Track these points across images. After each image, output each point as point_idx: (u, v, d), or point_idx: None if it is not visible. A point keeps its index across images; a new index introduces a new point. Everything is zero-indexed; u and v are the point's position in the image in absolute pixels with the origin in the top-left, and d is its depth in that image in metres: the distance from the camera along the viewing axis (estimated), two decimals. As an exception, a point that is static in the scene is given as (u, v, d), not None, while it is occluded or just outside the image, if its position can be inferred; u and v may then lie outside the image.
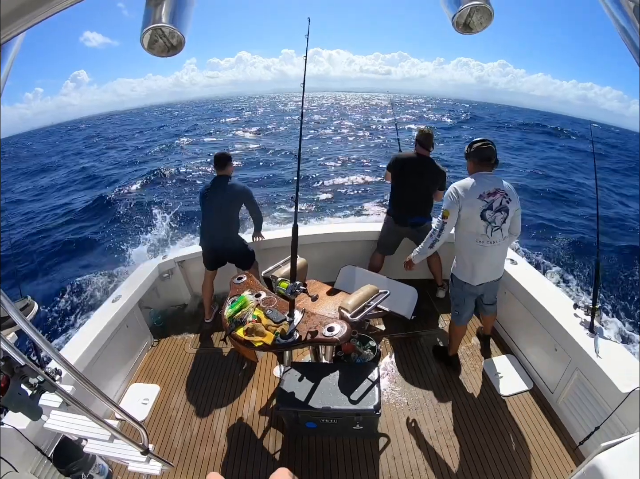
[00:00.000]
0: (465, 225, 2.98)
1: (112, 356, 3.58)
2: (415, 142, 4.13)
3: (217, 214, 4.05)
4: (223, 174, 4.12)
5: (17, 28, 0.66)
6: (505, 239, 3.01)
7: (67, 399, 1.48)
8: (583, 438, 2.75)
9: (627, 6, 0.80)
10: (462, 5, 0.78)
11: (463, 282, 3.18)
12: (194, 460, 3.01)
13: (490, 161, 2.96)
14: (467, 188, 2.90)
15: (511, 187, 2.96)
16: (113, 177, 19.47)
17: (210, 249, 4.27)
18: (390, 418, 3.20)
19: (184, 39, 0.81)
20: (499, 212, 2.88)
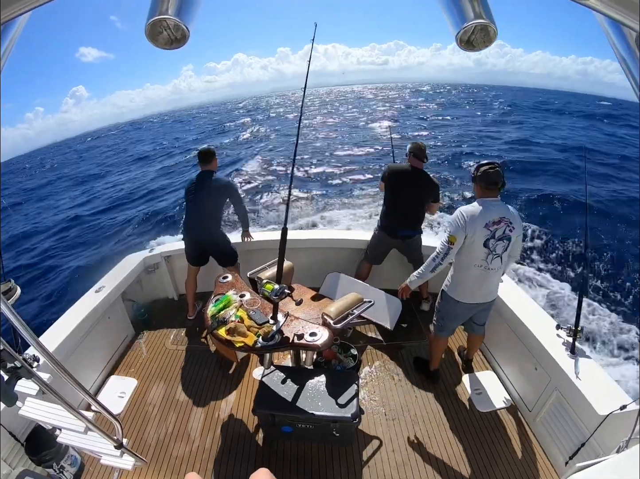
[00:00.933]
0: (467, 251, 2.97)
1: (91, 346, 3.55)
2: (409, 155, 4.13)
3: (201, 208, 4.04)
4: (208, 169, 4.13)
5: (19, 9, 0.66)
6: (503, 266, 3.03)
7: (43, 387, 1.47)
8: (559, 456, 2.78)
9: (629, 35, 0.82)
10: (467, 22, 0.79)
11: (455, 301, 3.17)
12: (167, 457, 2.99)
13: (497, 185, 2.92)
14: (475, 215, 2.86)
15: (515, 214, 2.94)
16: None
17: (193, 243, 4.26)
18: (367, 427, 3.20)
19: (189, 33, 0.82)
20: (501, 241, 2.87)
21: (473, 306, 3.17)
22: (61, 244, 12.16)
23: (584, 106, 50.11)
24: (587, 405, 2.51)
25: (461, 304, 3.16)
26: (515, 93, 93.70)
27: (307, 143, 25.70)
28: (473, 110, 44.88)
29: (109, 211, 15.47)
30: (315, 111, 55.52)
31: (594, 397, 2.52)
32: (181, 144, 35.44)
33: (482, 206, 2.90)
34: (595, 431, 2.43)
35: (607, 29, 0.87)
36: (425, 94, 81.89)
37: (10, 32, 0.82)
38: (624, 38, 0.83)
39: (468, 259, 2.99)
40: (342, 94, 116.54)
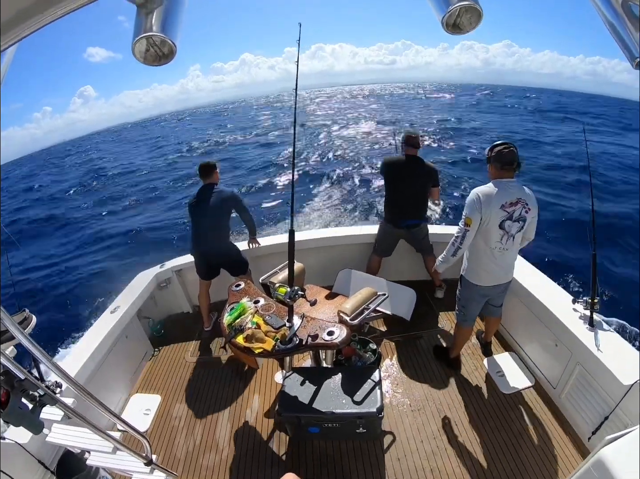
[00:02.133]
0: (482, 233, 2.94)
1: (112, 367, 3.56)
2: (402, 144, 4.16)
3: (207, 221, 4.04)
4: (209, 182, 4.13)
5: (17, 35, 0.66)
6: (517, 246, 3.01)
7: (68, 412, 1.48)
8: (587, 431, 2.76)
9: (615, 1, 0.81)
10: (451, 6, 0.78)
11: (473, 284, 3.17)
12: (197, 469, 3.00)
13: (512, 165, 2.87)
14: (491, 196, 2.82)
15: (531, 195, 2.90)
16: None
17: (202, 258, 4.26)
18: (393, 420, 3.20)
19: (175, 48, 0.82)
20: (517, 222, 2.85)
21: (492, 288, 3.16)
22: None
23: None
24: (611, 376, 2.49)
25: (481, 288, 3.15)
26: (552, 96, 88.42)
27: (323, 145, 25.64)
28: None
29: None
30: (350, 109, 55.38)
31: (616, 368, 2.51)
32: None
33: (497, 187, 2.85)
34: (620, 401, 2.42)
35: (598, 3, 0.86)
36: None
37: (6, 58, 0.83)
38: (609, 3, 0.82)
39: (484, 241, 2.97)
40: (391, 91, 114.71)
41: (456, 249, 3.02)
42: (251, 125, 45.17)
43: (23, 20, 0.64)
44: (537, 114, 39.23)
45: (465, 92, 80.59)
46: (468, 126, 28.90)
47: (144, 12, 0.75)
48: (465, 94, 74.65)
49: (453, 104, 54.20)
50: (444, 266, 3.22)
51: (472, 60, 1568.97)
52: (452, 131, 26.70)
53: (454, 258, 3.10)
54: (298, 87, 2.84)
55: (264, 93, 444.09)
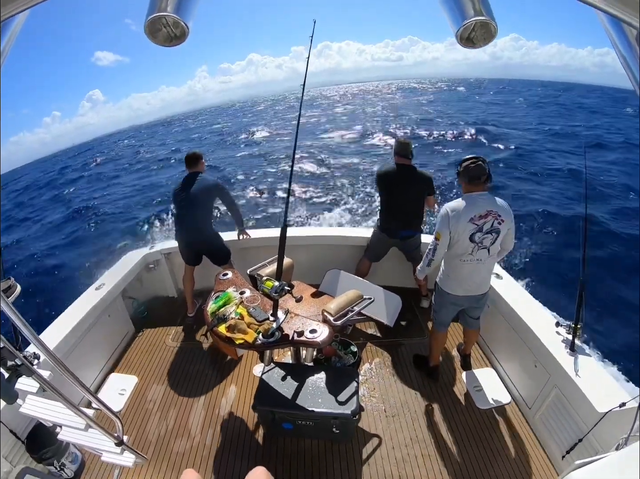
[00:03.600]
0: (453, 245, 3.00)
1: (92, 344, 3.55)
2: (394, 154, 4.13)
3: (190, 208, 4.04)
4: (194, 171, 4.17)
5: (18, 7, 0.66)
6: (492, 257, 3.03)
7: (43, 384, 1.47)
8: (558, 453, 2.79)
9: (629, 33, 0.82)
10: (467, 20, 0.78)
11: (445, 292, 3.22)
12: (168, 454, 3.00)
13: (480, 179, 2.92)
14: (459, 211, 2.89)
15: (504, 206, 2.93)
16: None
17: (185, 243, 4.27)
18: (367, 424, 3.21)
19: (188, 30, 0.82)
20: (489, 234, 2.89)
21: (464, 298, 3.20)
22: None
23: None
24: (587, 402, 2.51)
25: (453, 296, 3.20)
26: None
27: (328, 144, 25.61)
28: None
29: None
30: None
31: (593, 394, 2.52)
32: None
33: (466, 201, 2.92)
34: (593, 427, 2.44)
35: (608, 26, 0.86)
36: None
37: (9, 30, 0.82)
38: (624, 35, 0.82)
39: (455, 252, 3.02)
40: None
41: (429, 261, 3.12)
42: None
43: None
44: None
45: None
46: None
47: None
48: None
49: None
50: (421, 274, 3.35)
51: (480, 55, 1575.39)
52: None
53: (428, 268, 3.20)
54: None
55: (272, 92, 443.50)
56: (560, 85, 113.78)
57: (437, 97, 65.48)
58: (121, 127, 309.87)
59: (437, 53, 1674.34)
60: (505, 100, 51.41)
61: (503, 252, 3.15)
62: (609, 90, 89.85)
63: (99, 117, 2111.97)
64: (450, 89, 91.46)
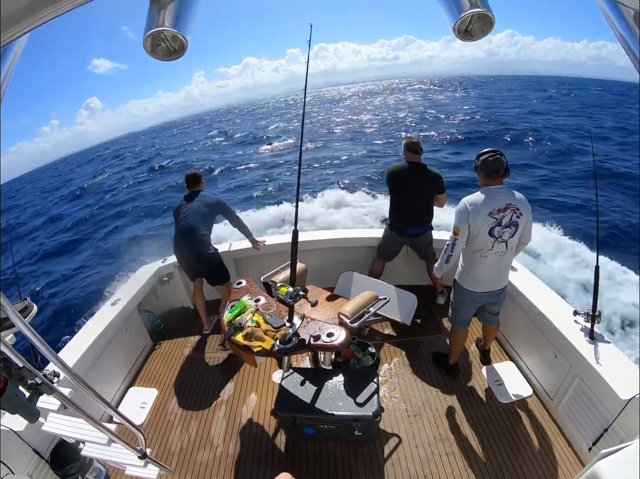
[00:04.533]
0: (472, 240, 2.97)
1: (110, 359, 3.57)
2: (405, 151, 4.11)
3: (189, 225, 3.98)
4: (195, 189, 4.17)
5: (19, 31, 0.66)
6: (511, 250, 3.00)
7: (64, 401, 1.48)
8: (583, 443, 2.75)
9: (626, 13, 0.80)
10: (464, 12, 0.77)
11: (465, 289, 3.18)
12: (191, 465, 3.00)
13: (499, 173, 2.88)
14: (477, 205, 2.86)
15: (523, 199, 2.90)
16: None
17: (182, 260, 4.24)
18: (389, 425, 3.19)
19: (187, 43, 0.81)
20: (508, 228, 2.86)
21: (484, 294, 3.16)
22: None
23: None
24: (609, 390, 2.48)
25: (472, 293, 3.16)
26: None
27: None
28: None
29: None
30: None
31: (615, 382, 2.49)
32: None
33: (485, 194, 2.89)
34: (618, 416, 2.41)
35: (605, 8, 0.85)
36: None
37: (11, 54, 0.82)
38: (622, 16, 0.81)
39: (475, 247, 2.99)
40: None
41: (448, 257, 3.07)
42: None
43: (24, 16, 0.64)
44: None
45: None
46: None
47: (156, 7, 0.75)
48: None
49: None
50: (439, 271, 3.28)
51: (476, 52, 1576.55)
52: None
53: (447, 264, 3.14)
54: (301, 87, 2.85)
55: (269, 95, 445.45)
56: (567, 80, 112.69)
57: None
58: (120, 134, 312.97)
59: (433, 51, 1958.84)
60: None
61: (521, 246, 3.12)
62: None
63: (97, 125, 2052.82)
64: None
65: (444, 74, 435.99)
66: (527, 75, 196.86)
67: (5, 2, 0.59)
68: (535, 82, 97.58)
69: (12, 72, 0.87)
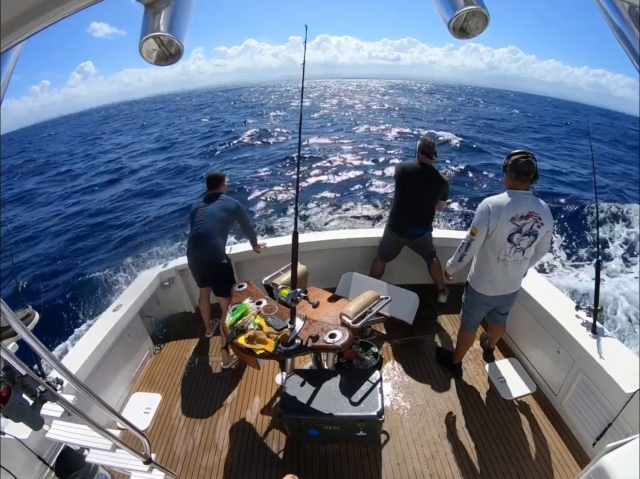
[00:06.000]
0: (489, 243, 2.90)
1: (113, 365, 3.57)
2: (418, 152, 4.06)
3: (206, 228, 3.85)
4: (215, 192, 4.07)
5: (18, 37, 0.66)
6: (526, 259, 2.93)
7: (68, 408, 1.48)
8: (588, 438, 2.76)
9: (621, 7, 0.81)
10: (458, 10, 0.78)
11: (477, 293, 3.14)
12: (197, 469, 3.00)
13: (529, 176, 2.78)
14: (501, 207, 2.76)
15: (546, 209, 2.82)
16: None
17: (195, 263, 4.05)
18: (394, 424, 3.19)
19: (183, 48, 0.82)
20: (527, 236, 2.78)
21: (496, 298, 3.12)
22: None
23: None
24: (613, 384, 2.49)
25: (484, 296, 3.12)
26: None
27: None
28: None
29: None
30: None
31: (619, 375, 2.50)
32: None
33: (511, 197, 2.78)
34: (622, 409, 2.41)
35: (600, 2, 0.86)
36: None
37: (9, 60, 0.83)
38: (617, 10, 0.82)
39: (491, 252, 2.92)
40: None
41: (461, 256, 3.01)
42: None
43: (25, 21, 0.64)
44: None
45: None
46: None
47: (151, 12, 0.75)
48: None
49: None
50: (452, 269, 3.21)
51: (477, 63, 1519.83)
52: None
53: (460, 263, 3.08)
54: (297, 76, 2.83)
55: (266, 80, 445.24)
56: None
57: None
58: (111, 101, 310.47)
59: (435, 57, 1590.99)
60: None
61: (538, 256, 3.07)
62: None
63: (88, 90, 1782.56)
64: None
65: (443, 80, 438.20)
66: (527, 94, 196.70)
67: (5, 8, 0.59)
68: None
69: (11, 76, 0.87)
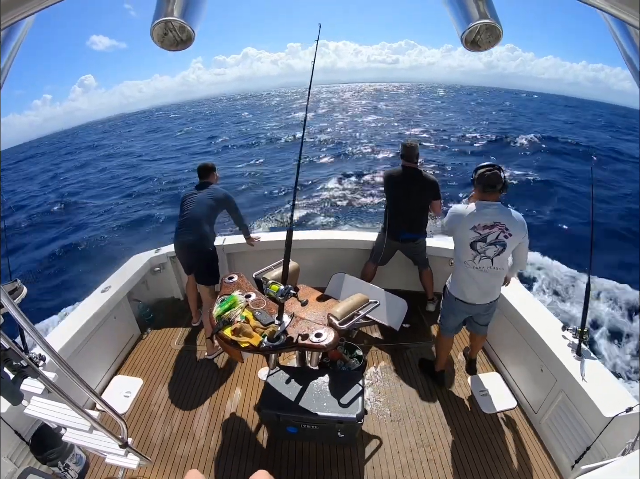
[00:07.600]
0: (457, 247, 3.01)
1: (97, 346, 3.56)
2: (400, 157, 4.11)
3: (194, 215, 3.84)
4: (206, 181, 4.06)
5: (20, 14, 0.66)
6: (499, 270, 2.95)
7: (48, 386, 1.48)
8: (564, 458, 2.77)
9: (634, 34, 0.81)
10: (472, 22, 0.78)
11: (453, 297, 3.18)
12: (172, 456, 3.00)
13: (495, 188, 2.83)
14: (464, 216, 2.85)
15: (516, 220, 2.83)
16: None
17: (181, 249, 4.00)
18: (372, 428, 3.20)
19: (194, 34, 0.82)
20: (493, 246, 2.81)
21: (469, 305, 3.14)
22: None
23: None
24: (593, 407, 2.50)
25: (459, 302, 3.15)
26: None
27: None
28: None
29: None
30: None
31: (599, 399, 2.51)
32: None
33: (476, 207, 2.85)
34: (601, 433, 2.42)
35: (613, 27, 0.86)
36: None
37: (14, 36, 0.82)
38: (629, 36, 0.82)
39: (459, 255, 3.01)
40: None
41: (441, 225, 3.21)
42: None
43: None
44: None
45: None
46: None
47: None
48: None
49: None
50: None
51: (475, 63, 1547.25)
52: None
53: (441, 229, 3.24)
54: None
55: (265, 87, 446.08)
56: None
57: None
58: (112, 114, 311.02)
59: (433, 58, 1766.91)
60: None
61: (515, 267, 3.14)
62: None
63: (89, 104, 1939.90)
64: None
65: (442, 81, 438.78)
66: (528, 91, 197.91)
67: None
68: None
69: (15, 55, 0.87)
